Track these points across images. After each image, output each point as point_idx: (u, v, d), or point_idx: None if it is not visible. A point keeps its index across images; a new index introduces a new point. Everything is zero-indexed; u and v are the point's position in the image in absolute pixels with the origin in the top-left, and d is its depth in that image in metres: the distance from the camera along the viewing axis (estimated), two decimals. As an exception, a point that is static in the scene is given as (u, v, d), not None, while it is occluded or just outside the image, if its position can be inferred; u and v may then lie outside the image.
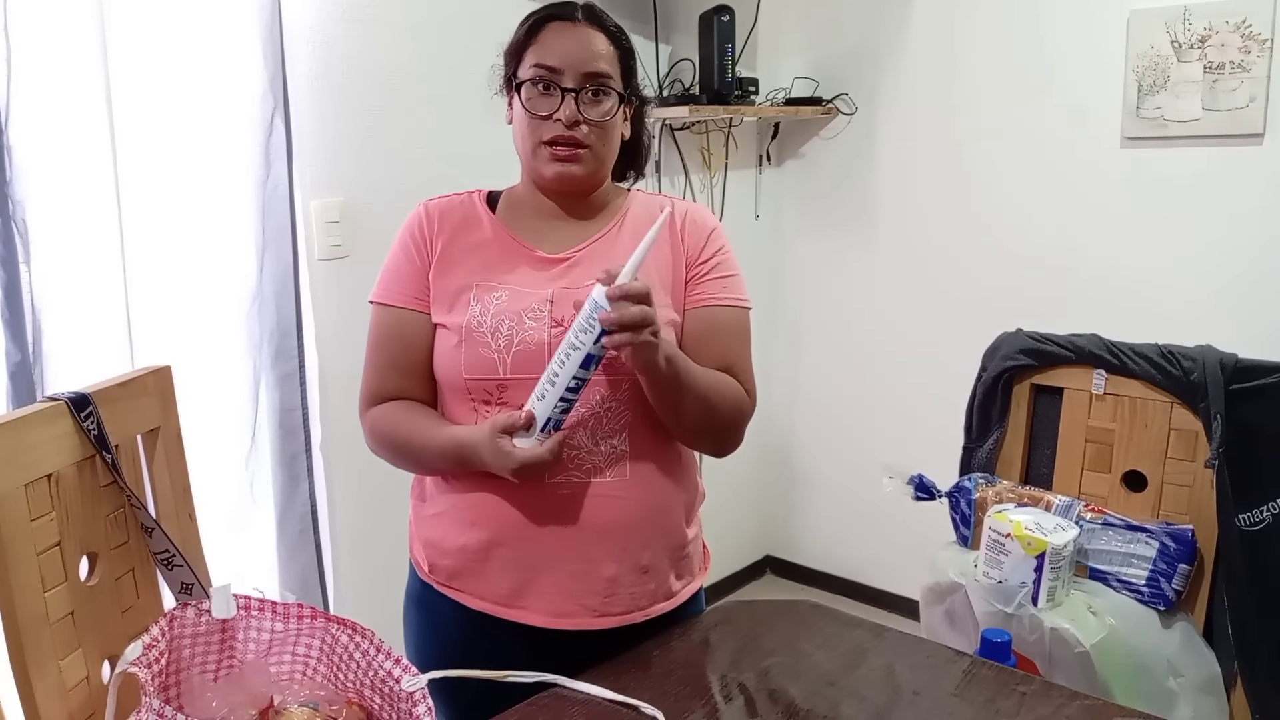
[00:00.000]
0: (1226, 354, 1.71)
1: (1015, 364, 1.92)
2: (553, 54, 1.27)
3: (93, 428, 1.20)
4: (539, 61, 1.27)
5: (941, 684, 1.24)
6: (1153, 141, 2.61)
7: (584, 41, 1.28)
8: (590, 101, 1.28)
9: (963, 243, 2.99)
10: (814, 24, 3.20)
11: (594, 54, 1.28)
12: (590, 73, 1.27)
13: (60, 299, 1.75)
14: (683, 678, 1.25)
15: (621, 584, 1.28)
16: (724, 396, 1.30)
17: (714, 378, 1.30)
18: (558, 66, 1.27)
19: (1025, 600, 1.59)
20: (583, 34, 1.29)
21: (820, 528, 3.50)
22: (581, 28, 1.30)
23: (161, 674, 1.09)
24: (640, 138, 1.43)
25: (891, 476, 1.85)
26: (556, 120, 1.27)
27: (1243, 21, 2.42)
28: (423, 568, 1.36)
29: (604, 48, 1.30)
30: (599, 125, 1.29)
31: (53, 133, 1.72)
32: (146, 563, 1.28)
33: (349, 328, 2.12)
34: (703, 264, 1.34)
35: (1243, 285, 2.52)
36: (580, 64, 1.27)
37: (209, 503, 1.90)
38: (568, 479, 1.25)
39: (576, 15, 1.30)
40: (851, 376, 3.32)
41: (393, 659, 1.12)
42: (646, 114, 1.44)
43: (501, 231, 1.34)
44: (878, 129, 3.13)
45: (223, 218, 1.99)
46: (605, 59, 1.29)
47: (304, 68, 2.11)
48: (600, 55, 1.28)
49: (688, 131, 3.01)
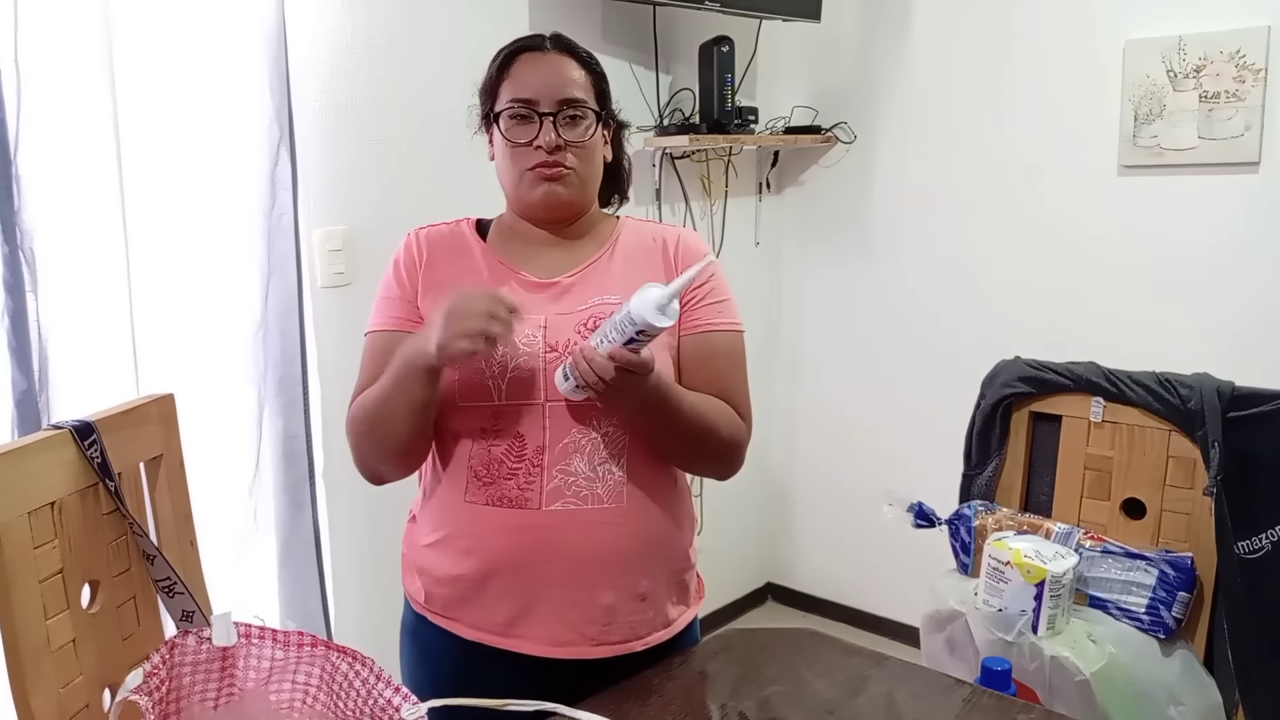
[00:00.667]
0: (1224, 381, 1.71)
1: (1014, 391, 1.92)
2: (526, 85, 1.30)
3: (96, 456, 1.21)
4: (514, 95, 1.30)
5: (942, 713, 1.24)
6: (1149, 170, 2.63)
7: (556, 69, 1.31)
8: (568, 124, 1.30)
9: (961, 270, 3.01)
10: (813, 53, 3.24)
11: (566, 80, 1.30)
12: (565, 99, 1.29)
13: (66, 327, 1.76)
14: (682, 706, 1.25)
15: (620, 612, 1.28)
16: (718, 425, 1.31)
17: (707, 406, 1.31)
18: (532, 97, 1.29)
19: (1025, 628, 1.59)
20: (553, 62, 1.31)
21: (821, 554, 3.49)
22: (551, 56, 1.32)
23: (162, 702, 1.09)
24: (620, 161, 1.45)
25: (891, 504, 1.85)
26: (538, 147, 1.29)
27: (1237, 51, 2.45)
28: (417, 600, 1.35)
29: (575, 74, 1.32)
30: (580, 146, 1.31)
31: (61, 162, 1.74)
32: (148, 590, 1.29)
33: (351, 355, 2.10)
34: (697, 289, 1.35)
35: (1239, 313, 2.53)
36: (554, 91, 1.29)
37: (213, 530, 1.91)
38: (564, 506, 1.25)
39: (545, 45, 1.33)
40: (851, 404, 3.32)
41: (393, 687, 1.12)
42: (625, 137, 1.45)
43: (492, 257, 1.35)
44: (877, 157, 3.15)
45: (228, 246, 2.00)
46: (578, 84, 1.31)
47: (309, 98, 2.13)
48: (573, 81, 1.31)
49: (688, 160, 3.03)
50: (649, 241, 1.39)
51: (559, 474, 1.25)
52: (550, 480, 1.25)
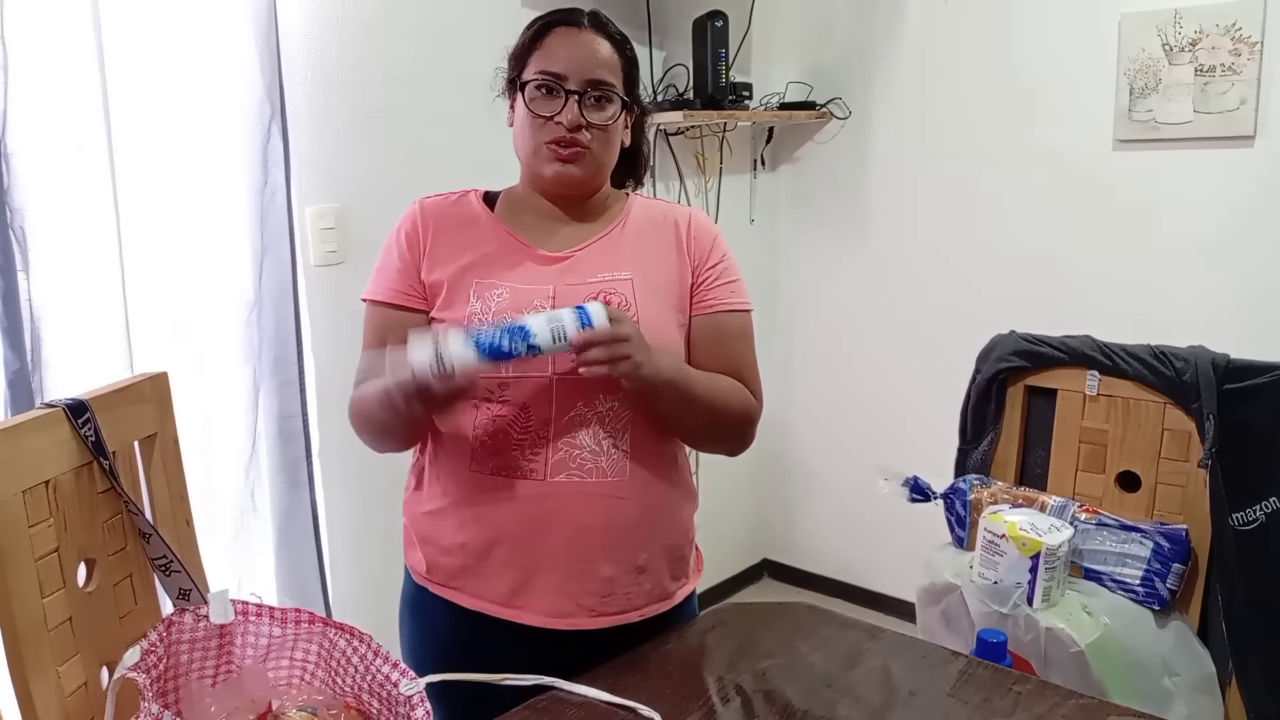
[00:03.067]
0: (1219, 354, 1.71)
1: (1009, 366, 1.93)
2: (557, 59, 1.28)
3: (90, 434, 1.21)
4: (543, 67, 1.29)
5: (937, 684, 1.25)
6: (1144, 144, 2.62)
7: (588, 48, 1.30)
8: (592, 106, 1.29)
9: (956, 245, 3.00)
10: (807, 29, 3.22)
11: (598, 60, 1.29)
12: (594, 79, 1.28)
13: (59, 306, 1.75)
14: (680, 679, 1.25)
15: (618, 584, 1.29)
16: (731, 403, 1.33)
17: (720, 385, 1.32)
18: (562, 72, 1.28)
19: (1020, 600, 1.60)
20: (587, 40, 1.30)
21: (817, 530, 3.51)
22: (586, 34, 1.31)
23: (160, 679, 1.09)
24: (640, 146, 1.44)
25: (887, 478, 1.85)
26: (558, 123, 1.28)
27: (1233, 24, 2.44)
28: (419, 570, 1.36)
29: (608, 55, 1.31)
30: (600, 129, 1.30)
31: (51, 140, 1.73)
32: (144, 569, 1.29)
33: (345, 333, 2.12)
34: (709, 270, 1.36)
35: (1234, 286, 2.53)
36: (584, 70, 1.28)
37: (210, 510, 1.91)
38: (568, 478, 1.26)
39: (582, 21, 1.32)
40: (846, 379, 3.33)
41: (390, 663, 1.12)
42: (646, 124, 1.45)
43: (501, 229, 1.35)
44: (872, 133, 3.14)
45: (220, 224, 1.99)
46: (609, 66, 1.30)
47: (300, 74, 2.11)
48: (604, 62, 1.30)
49: (682, 136, 3.02)
50: (659, 219, 1.39)
51: (564, 446, 1.25)
52: (555, 452, 1.25)
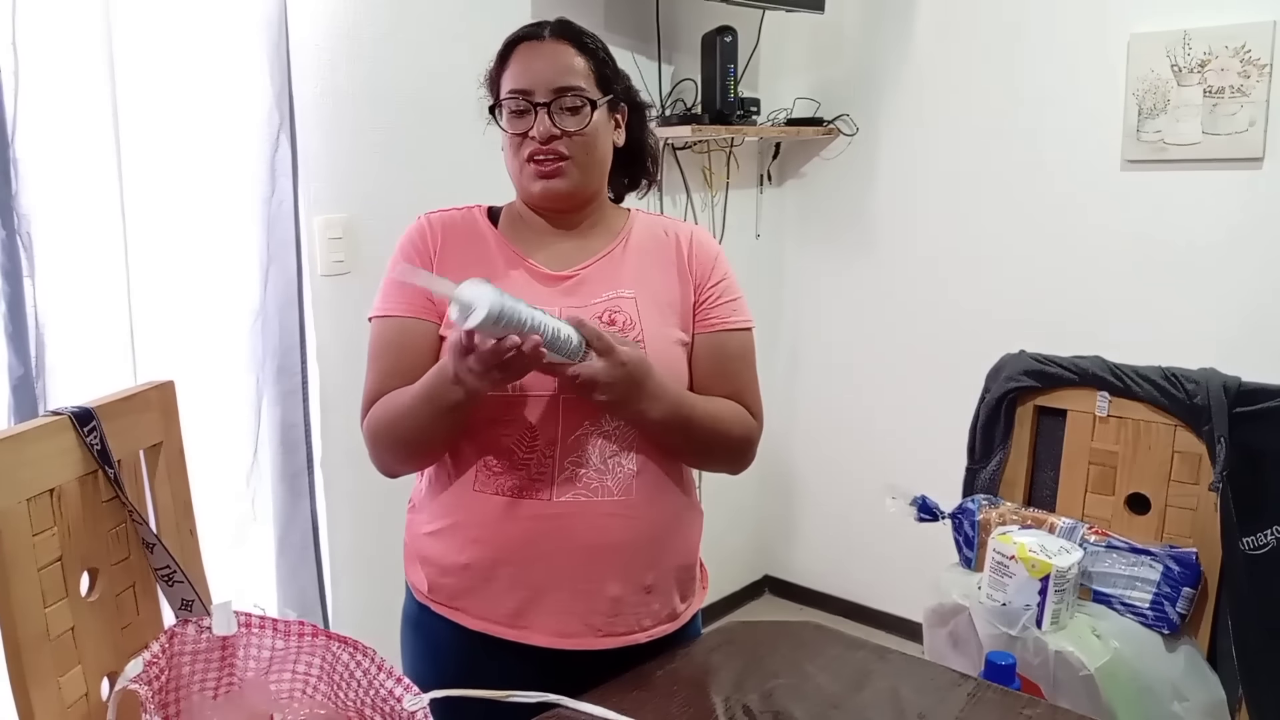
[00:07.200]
0: (1230, 377, 1.70)
1: (1018, 385, 1.91)
2: (522, 76, 1.29)
3: (95, 443, 1.20)
4: (512, 85, 1.29)
5: (946, 707, 1.24)
6: (1153, 165, 2.62)
7: (550, 57, 1.29)
8: (564, 113, 1.28)
9: (963, 263, 3.00)
10: (816, 45, 3.22)
11: (561, 68, 1.28)
12: (559, 86, 1.27)
13: (64, 313, 1.75)
14: (686, 698, 1.24)
15: (626, 604, 1.27)
16: (732, 431, 1.33)
17: (720, 413, 1.32)
18: (527, 87, 1.28)
19: (1029, 623, 1.59)
20: (549, 50, 1.30)
21: (819, 548, 3.49)
22: (549, 44, 1.30)
23: (161, 691, 1.08)
24: (642, 142, 1.42)
25: (894, 497, 1.84)
26: (533, 138, 1.27)
27: (1242, 46, 2.44)
28: (420, 589, 1.34)
29: (573, 60, 1.30)
30: (579, 135, 1.29)
31: (59, 146, 1.73)
32: (147, 579, 1.27)
33: (350, 344, 2.11)
34: (711, 289, 1.35)
35: (1245, 308, 2.52)
36: (549, 80, 1.27)
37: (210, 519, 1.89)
38: (575, 497, 1.25)
39: (543, 34, 1.31)
40: (852, 397, 3.31)
41: (394, 678, 1.11)
42: (647, 119, 1.43)
43: (505, 246, 1.34)
44: (879, 150, 3.14)
45: (227, 233, 1.99)
46: (574, 71, 1.29)
47: (310, 85, 2.11)
48: (568, 68, 1.29)
49: (689, 151, 3.02)
50: (661, 235, 1.38)
51: (570, 466, 1.24)
52: (562, 471, 1.24)
